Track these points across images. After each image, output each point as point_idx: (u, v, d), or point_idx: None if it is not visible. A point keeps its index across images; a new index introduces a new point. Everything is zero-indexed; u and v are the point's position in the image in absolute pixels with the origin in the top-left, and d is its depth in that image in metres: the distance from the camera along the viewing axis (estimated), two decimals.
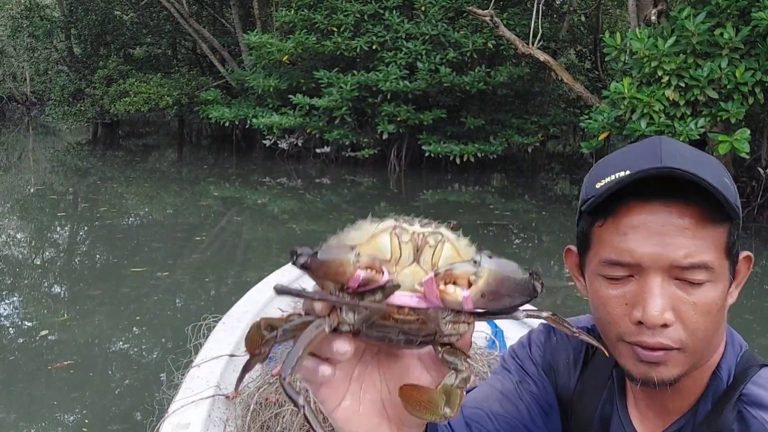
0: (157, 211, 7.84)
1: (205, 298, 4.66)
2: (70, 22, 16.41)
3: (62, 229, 6.82)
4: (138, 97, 13.58)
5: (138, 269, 5.14)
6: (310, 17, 11.27)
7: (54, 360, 3.34)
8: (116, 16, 17.02)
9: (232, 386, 1.93)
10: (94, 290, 4.66)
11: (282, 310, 2.61)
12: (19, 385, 3.14)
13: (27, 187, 9.39)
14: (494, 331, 2.55)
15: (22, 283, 4.85)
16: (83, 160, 12.89)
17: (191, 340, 2.26)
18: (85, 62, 17.25)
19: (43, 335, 3.73)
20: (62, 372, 3.26)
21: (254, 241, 6.66)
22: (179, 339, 3.34)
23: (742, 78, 6.85)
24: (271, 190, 9.80)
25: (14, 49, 22.86)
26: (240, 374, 0.67)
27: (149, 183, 10.20)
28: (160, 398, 2.03)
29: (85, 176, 10.68)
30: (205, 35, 14.94)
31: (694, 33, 6.98)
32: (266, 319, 0.61)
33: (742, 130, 6.96)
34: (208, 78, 15.45)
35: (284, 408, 1.77)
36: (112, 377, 3.20)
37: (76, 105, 15.75)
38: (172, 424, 1.69)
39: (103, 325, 4.03)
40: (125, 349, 3.55)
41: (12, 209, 7.63)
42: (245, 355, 2.14)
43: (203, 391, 1.82)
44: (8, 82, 25.52)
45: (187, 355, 2.18)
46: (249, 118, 11.95)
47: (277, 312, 2.59)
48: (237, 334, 2.21)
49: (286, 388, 0.55)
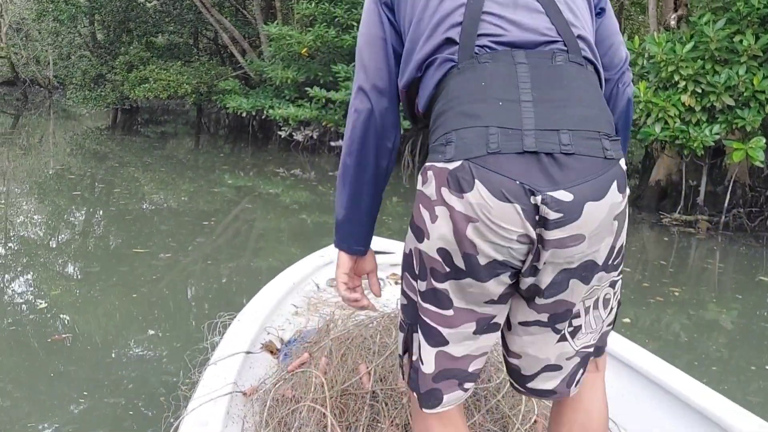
0: (172, 197, 7.94)
1: (216, 286, 4.73)
2: (95, 8, 16.59)
3: (78, 210, 6.93)
4: (157, 84, 13.73)
5: (141, 250, 5.22)
6: (330, 11, 11.33)
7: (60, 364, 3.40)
8: (140, 3, 17.18)
9: (249, 383, 1.95)
10: (105, 271, 4.74)
11: (296, 306, 2.65)
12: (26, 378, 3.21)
13: (45, 169, 9.53)
14: None
15: (38, 261, 4.95)
16: (102, 144, 13.03)
17: (207, 338, 2.30)
18: (107, 48, 17.45)
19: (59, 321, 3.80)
20: (62, 346, 3.32)
21: (265, 230, 6.73)
22: (195, 333, 3.40)
23: (760, 86, 6.82)
24: (284, 181, 9.87)
25: (39, 33, 23.17)
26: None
27: (165, 169, 10.31)
28: (176, 395, 2.06)
29: (102, 160, 10.81)
30: (226, 25, 15.05)
31: (713, 39, 6.95)
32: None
33: (757, 139, 6.93)
34: (227, 68, 15.56)
35: (301, 404, 1.77)
36: (123, 371, 3.24)
37: (97, 90, 15.94)
38: (191, 422, 1.70)
39: (116, 316, 4.10)
40: (136, 342, 3.58)
41: (30, 190, 7.76)
42: (260, 352, 2.23)
43: (221, 389, 1.82)
44: (32, 65, 25.90)
45: (203, 353, 2.20)
46: (266, 108, 12.04)
47: (291, 308, 2.62)
48: (252, 332, 2.22)
49: None
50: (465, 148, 1.10)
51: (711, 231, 7.78)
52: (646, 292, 5.21)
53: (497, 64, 1.15)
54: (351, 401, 1.79)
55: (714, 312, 4.92)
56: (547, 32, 1.19)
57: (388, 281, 2.97)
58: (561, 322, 1.24)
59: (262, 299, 2.54)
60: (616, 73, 1.40)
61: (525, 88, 1.13)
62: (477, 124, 1.11)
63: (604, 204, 1.10)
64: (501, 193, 1.07)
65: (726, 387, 3.48)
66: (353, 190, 1.39)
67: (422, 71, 1.26)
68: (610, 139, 1.13)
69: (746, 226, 7.87)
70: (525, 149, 1.08)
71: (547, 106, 1.12)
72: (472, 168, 1.08)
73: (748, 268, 6.49)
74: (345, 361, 1.92)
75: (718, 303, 5.18)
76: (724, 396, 1.88)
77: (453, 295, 1.20)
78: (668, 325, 4.55)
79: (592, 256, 1.15)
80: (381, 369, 1.85)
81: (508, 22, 1.19)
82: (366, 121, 1.34)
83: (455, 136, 1.12)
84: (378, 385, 1.81)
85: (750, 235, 7.71)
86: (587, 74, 1.20)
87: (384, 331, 2.00)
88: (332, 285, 2.89)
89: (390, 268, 3.10)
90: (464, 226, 1.11)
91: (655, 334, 4.35)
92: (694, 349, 4.10)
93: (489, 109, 1.12)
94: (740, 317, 4.88)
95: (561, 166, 1.08)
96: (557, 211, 1.07)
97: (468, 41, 1.18)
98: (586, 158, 1.09)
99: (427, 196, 1.16)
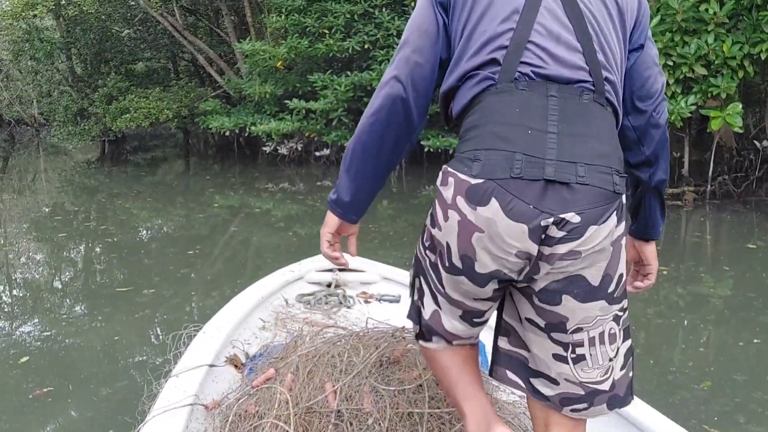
0: (161, 225, 7.96)
1: (201, 307, 4.74)
2: (69, 42, 16.61)
3: (65, 251, 6.95)
4: (138, 113, 13.74)
5: (124, 289, 5.24)
6: (301, 21, 11.33)
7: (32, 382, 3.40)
8: (114, 33, 17.20)
9: (211, 397, 1.91)
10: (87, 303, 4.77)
11: (263, 320, 2.63)
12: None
13: (33, 211, 9.55)
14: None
15: (43, 306, 4.97)
16: (90, 177, 13.05)
17: (171, 349, 2.23)
18: (86, 81, 17.47)
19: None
20: (41, 398, 3.34)
21: (259, 248, 6.75)
22: (161, 348, 3.38)
23: (730, 52, 6.82)
24: (273, 196, 9.89)
25: (19, 72, 23.20)
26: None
27: (154, 197, 10.34)
28: (141, 409, 1.99)
29: (92, 194, 10.83)
30: (201, 47, 15.05)
31: (679, 10, 6.95)
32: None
33: (734, 105, 6.94)
34: (207, 89, 15.58)
35: (264, 420, 1.74)
36: (92, 387, 3.25)
37: (81, 124, 15.96)
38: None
39: (86, 334, 4.11)
40: (108, 357, 3.60)
41: (23, 232, 7.78)
42: (225, 365, 2.18)
43: (181, 401, 1.79)
44: (15, 105, 25.90)
45: (167, 365, 2.16)
46: (248, 125, 12.06)
47: (259, 322, 2.61)
48: (217, 344, 2.19)
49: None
50: (491, 168, 1.22)
51: (698, 201, 7.78)
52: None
53: (532, 93, 1.26)
54: (315, 419, 1.77)
55: (703, 287, 4.93)
56: (580, 71, 1.29)
57: (358, 299, 2.98)
58: (557, 332, 1.32)
59: (229, 312, 2.50)
60: (653, 104, 1.47)
61: (553, 120, 1.24)
62: (506, 149, 1.23)
63: (605, 228, 1.24)
64: (512, 213, 1.21)
65: (712, 368, 3.49)
66: (365, 170, 1.48)
67: (462, 82, 1.36)
68: (619, 175, 1.26)
69: (733, 192, 7.88)
70: (545, 177, 1.20)
71: (570, 140, 1.23)
72: (493, 188, 1.22)
73: (735, 236, 6.49)
74: (311, 378, 1.89)
75: (707, 277, 5.19)
76: (711, 413, 1.82)
77: (446, 284, 1.37)
78: (655, 307, 4.56)
79: (581, 271, 1.26)
80: (347, 388, 1.83)
81: (549, 55, 1.29)
82: (392, 107, 1.42)
83: (484, 155, 1.24)
84: (344, 405, 1.79)
85: (737, 201, 7.71)
86: (606, 114, 1.31)
87: (352, 349, 1.99)
88: (301, 301, 2.90)
89: (360, 287, 3.11)
90: (470, 233, 1.26)
91: (642, 318, 4.37)
92: (681, 328, 4.11)
93: (519, 136, 1.23)
94: (729, 290, 4.89)
95: (573, 192, 1.21)
96: (563, 230, 1.21)
97: (510, 66, 1.29)
98: (597, 189, 1.22)
99: (444, 197, 1.29)
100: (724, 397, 3.12)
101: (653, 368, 3.45)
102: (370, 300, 2.99)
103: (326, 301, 2.90)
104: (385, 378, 1.86)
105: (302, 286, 3.10)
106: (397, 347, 1.97)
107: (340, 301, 2.91)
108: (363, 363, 1.89)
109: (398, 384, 1.83)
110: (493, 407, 1.63)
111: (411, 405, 1.77)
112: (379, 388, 1.81)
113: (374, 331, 2.08)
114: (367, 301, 2.97)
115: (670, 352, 3.75)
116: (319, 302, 2.88)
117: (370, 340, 2.01)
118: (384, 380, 1.85)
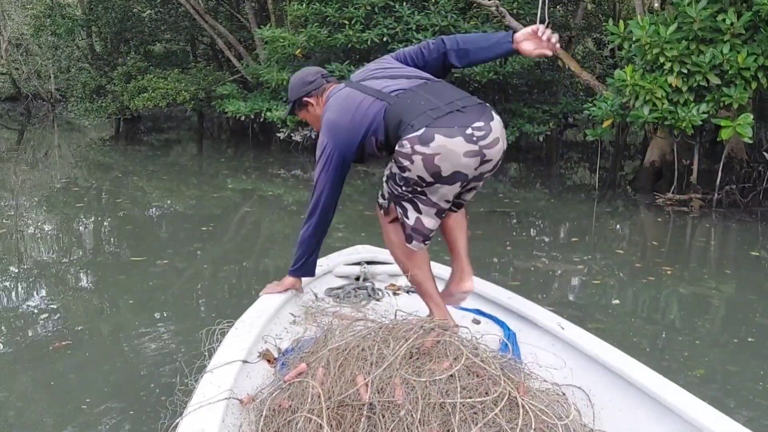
0: (176, 203, 8.11)
1: (219, 289, 4.88)
2: (91, 20, 16.76)
3: (82, 221, 7.11)
4: (156, 93, 13.88)
5: (138, 258, 5.38)
6: (322, 11, 11.44)
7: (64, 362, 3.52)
8: (135, 13, 17.34)
9: (245, 391, 1.98)
10: (114, 278, 4.92)
11: (294, 315, 2.68)
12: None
13: (51, 183, 9.72)
14: (507, 333, 2.55)
15: (51, 284, 5.11)
16: (106, 155, 13.22)
17: (204, 345, 2.29)
18: (106, 59, 17.63)
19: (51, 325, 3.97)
20: (63, 354, 3.47)
21: (266, 232, 6.89)
22: (194, 340, 3.46)
23: (745, 63, 6.91)
24: (285, 181, 10.03)
25: (39, 47, 23.39)
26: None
27: (168, 176, 10.49)
28: (173, 399, 2.08)
29: (107, 171, 10.99)
30: (221, 31, 15.19)
31: (696, 19, 7.04)
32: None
33: (744, 115, 7.03)
34: (224, 73, 15.70)
35: (297, 415, 1.77)
36: (120, 374, 3.32)
37: (98, 101, 16.12)
38: (187, 428, 1.70)
39: (115, 318, 4.25)
40: (135, 345, 3.67)
41: (38, 204, 7.95)
42: (258, 360, 2.35)
43: (217, 396, 1.84)
44: (33, 80, 26.10)
45: (200, 358, 2.22)
46: (264, 111, 12.19)
47: (289, 317, 2.65)
48: (250, 340, 2.24)
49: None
50: (422, 123, 2.11)
51: (705, 209, 7.88)
52: (638, 273, 5.33)
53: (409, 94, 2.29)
54: (348, 413, 1.79)
55: (705, 288, 5.05)
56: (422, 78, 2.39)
57: (387, 292, 3.04)
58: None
59: (260, 307, 2.56)
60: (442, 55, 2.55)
61: (429, 95, 2.27)
62: (422, 111, 2.17)
63: (497, 120, 2.21)
64: (450, 134, 2.08)
65: (706, 359, 3.61)
66: (320, 239, 2.58)
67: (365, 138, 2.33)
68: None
69: (739, 202, 7.97)
70: (447, 111, 2.14)
71: (440, 97, 2.22)
72: (431, 129, 2.09)
73: (740, 243, 6.60)
74: (342, 372, 1.91)
75: (709, 279, 5.30)
76: (703, 397, 1.92)
77: (429, 194, 2.23)
78: (657, 303, 4.68)
79: (502, 149, 2.24)
80: (378, 381, 1.84)
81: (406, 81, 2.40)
82: (330, 201, 2.47)
83: (416, 120, 2.13)
84: (375, 397, 1.79)
85: (743, 211, 7.81)
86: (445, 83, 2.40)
87: (382, 342, 2.00)
88: (330, 294, 2.96)
89: (389, 279, 3.17)
90: (432, 159, 2.09)
91: (641, 314, 4.49)
92: (679, 321, 4.23)
93: (422, 108, 2.20)
94: (730, 292, 5.00)
95: (468, 112, 2.16)
96: (480, 130, 2.13)
97: (389, 96, 2.36)
98: (475, 106, 2.20)
99: (403, 153, 2.13)
100: (716, 384, 3.26)
101: (649, 354, 3.58)
102: (398, 292, 3.04)
103: (355, 294, 2.95)
104: (416, 369, 1.88)
105: (331, 279, 3.14)
106: (427, 338, 1.98)
107: (369, 294, 2.96)
108: (393, 355, 1.90)
109: (429, 375, 1.84)
110: (527, 395, 1.81)
111: (443, 395, 1.77)
112: (410, 379, 1.82)
113: (403, 322, 2.09)
114: (396, 293, 3.02)
115: (667, 342, 3.88)
116: (348, 295, 2.93)
117: (400, 332, 2.02)
118: (415, 372, 1.86)
